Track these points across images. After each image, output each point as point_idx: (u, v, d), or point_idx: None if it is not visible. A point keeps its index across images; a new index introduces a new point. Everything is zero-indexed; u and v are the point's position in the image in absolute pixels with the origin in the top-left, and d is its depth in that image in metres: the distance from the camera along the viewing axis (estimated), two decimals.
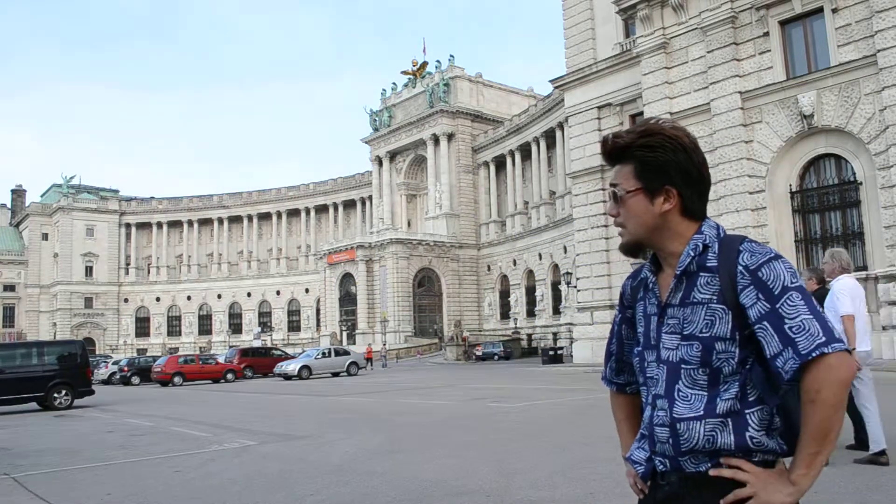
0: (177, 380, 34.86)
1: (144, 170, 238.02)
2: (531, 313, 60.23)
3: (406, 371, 40.18)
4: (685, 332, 1.62)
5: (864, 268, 22.47)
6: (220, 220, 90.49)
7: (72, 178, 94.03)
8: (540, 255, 58.73)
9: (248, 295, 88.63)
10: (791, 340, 1.49)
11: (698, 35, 25.99)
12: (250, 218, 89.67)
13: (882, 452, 6.63)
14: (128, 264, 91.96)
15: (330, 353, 38.40)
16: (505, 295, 65.00)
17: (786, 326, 1.50)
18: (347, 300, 70.08)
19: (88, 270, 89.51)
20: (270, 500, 6.68)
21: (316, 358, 36.65)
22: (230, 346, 63.50)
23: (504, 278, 65.49)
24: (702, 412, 1.59)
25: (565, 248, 48.31)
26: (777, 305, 1.52)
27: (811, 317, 1.50)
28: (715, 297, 1.60)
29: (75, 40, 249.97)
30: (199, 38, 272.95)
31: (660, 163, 1.64)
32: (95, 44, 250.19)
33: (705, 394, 1.60)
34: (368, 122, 77.70)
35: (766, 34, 24.41)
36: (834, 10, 22.90)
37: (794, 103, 23.57)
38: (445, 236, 67.99)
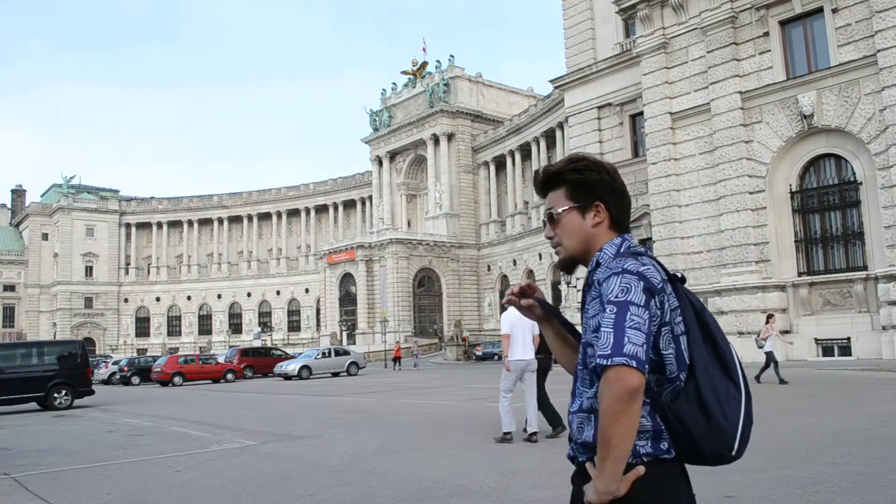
0: (177, 380, 34.85)
1: (144, 170, 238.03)
2: None
3: (406, 371, 40.17)
4: (584, 338, 1.81)
5: (864, 268, 22.48)
6: (220, 220, 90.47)
7: (72, 178, 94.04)
8: (540, 255, 58.72)
9: (248, 295, 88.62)
10: (594, 346, 1.70)
11: (698, 35, 25.99)
12: (250, 218, 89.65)
13: (523, 433, 9.32)
14: (128, 264, 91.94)
15: (330, 353, 38.38)
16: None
17: (598, 338, 1.68)
18: (347, 300, 70.07)
19: (88, 270, 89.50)
20: (270, 500, 6.68)
21: (316, 358, 36.65)
22: (230, 346, 63.44)
23: (504, 278, 65.48)
24: (576, 408, 1.80)
25: None
26: (601, 317, 1.70)
27: (611, 330, 1.65)
28: (595, 308, 1.77)
29: (75, 40, 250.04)
30: (199, 37, 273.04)
31: (588, 182, 1.87)
32: (95, 44, 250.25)
33: (589, 391, 1.77)
34: (368, 122, 77.67)
35: (766, 34, 24.41)
36: (834, 10, 22.90)
37: (794, 103, 23.56)
38: (445, 236, 67.98)
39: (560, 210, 1.89)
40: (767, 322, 17.58)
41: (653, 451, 1.72)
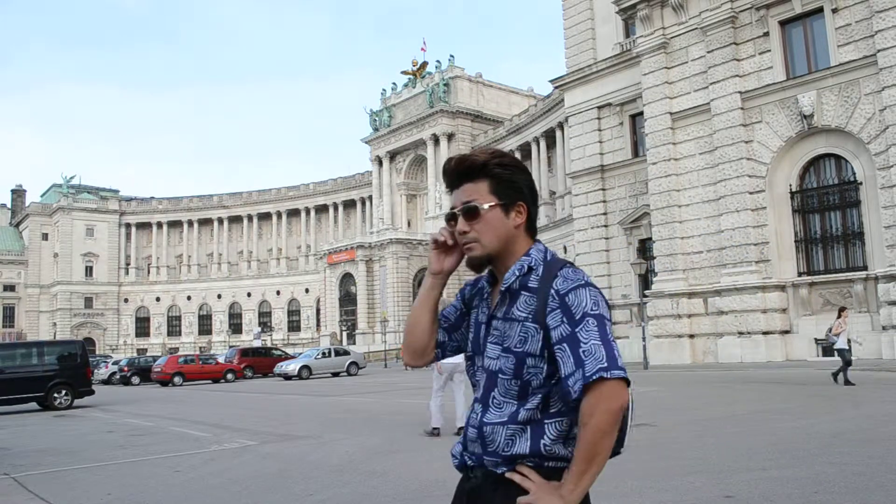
0: (177, 380, 34.85)
1: (144, 170, 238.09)
2: None
3: (406, 371, 40.14)
4: (504, 345, 1.75)
5: (864, 268, 22.47)
6: (220, 220, 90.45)
7: (72, 178, 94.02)
8: None
9: (248, 295, 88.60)
10: (582, 363, 1.62)
11: (698, 35, 25.99)
12: (250, 218, 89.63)
13: (457, 430, 9.96)
14: (128, 264, 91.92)
15: (330, 353, 38.36)
16: None
17: (580, 350, 1.63)
18: (347, 300, 70.06)
19: (88, 270, 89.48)
20: (270, 500, 6.68)
21: (316, 358, 36.62)
22: (230, 346, 63.42)
23: None
24: (506, 419, 1.73)
25: (565, 248, 48.26)
26: (576, 329, 1.65)
27: (600, 343, 1.62)
28: (530, 317, 1.73)
29: (75, 40, 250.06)
30: (199, 37, 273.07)
31: (514, 180, 1.81)
32: (95, 43, 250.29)
33: (515, 402, 1.74)
34: (368, 122, 77.63)
35: (766, 34, 24.40)
36: (834, 10, 22.89)
37: (794, 103, 23.56)
38: None
39: (486, 205, 1.78)
40: (839, 316, 16.14)
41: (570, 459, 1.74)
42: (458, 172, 1.84)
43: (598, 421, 1.58)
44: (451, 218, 1.84)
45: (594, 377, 1.59)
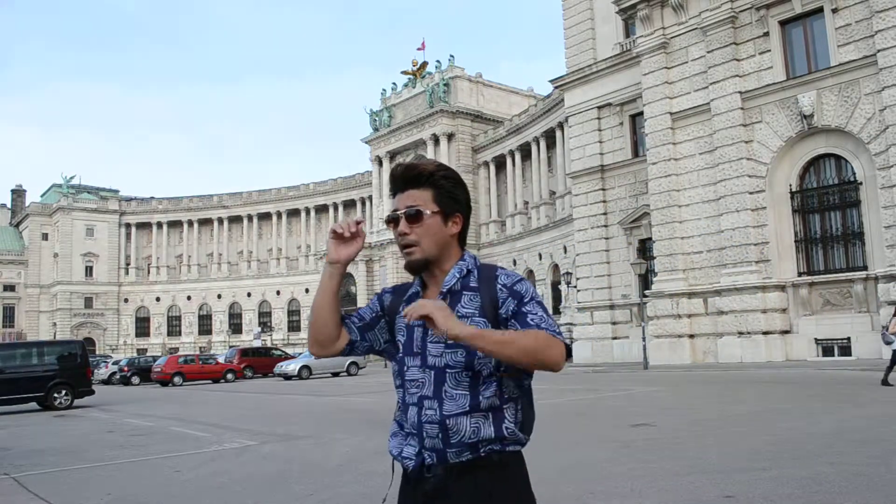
0: (177, 380, 34.85)
1: (144, 170, 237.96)
2: None
3: None
4: (449, 341, 1.82)
5: (864, 268, 22.48)
6: (220, 220, 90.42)
7: (72, 178, 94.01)
8: (540, 255, 58.71)
9: (248, 295, 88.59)
10: (538, 325, 1.81)
11: (698, 35, 26.00)
12: (250, 218, 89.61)
13: None
14: (128, 264, 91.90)
15: None
16: None
17: (528, 319, 1.82)
18: (347, 300, 70.07)
19: (88, 270, 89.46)
20: (270, 500, 6.68)
21: (316, 358, 36.60)
22: (230, 346, 63.39)
23: None
24: (468, 408, 1.84)
25: (565, 248, 48.29)
26: (524, 308, 1.86)
27: (548, 317, 1.85)
28: (477, 312, 1.89)
29: (75, 40, 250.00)
30: (200, 37, 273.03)
31: (455, 193, 1.97)
32: (96, 43, 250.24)
33: (468, 393, 1.85)
34: (368, 122, 77.58)
35: (766, 34, 24.41)
36: (834, 10, 22.90)
37: (794, 103, 23.56)
38: None
39: (429, 211, 1.92)
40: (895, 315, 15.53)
41: (524, 441, 1.92)
42: (406, 178, 1.97)
43: (548, 345, 1.75)
44: (392, 220, 1.96)
45: (553, 334, 1.79)
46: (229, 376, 36.14)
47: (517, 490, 1.88)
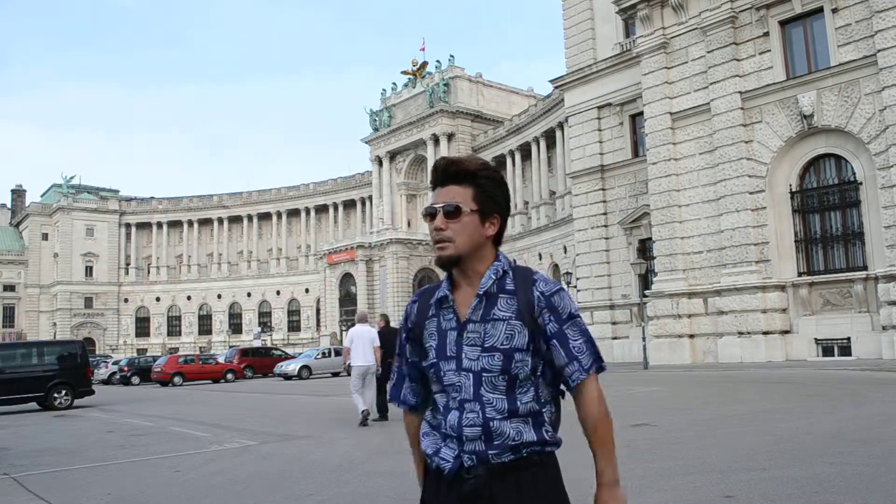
0: (177, 380, 34.86)
1: (144, 170, 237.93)
2: None
3: None
4: (486, 345, 1.88)
5: (864, 268, 22.47)
6: (220, 220, 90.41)
7: (72, 178, 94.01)
8: (540, 255, 58.70)
9: (248, 295, 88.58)
10: (575, 357, 1.89)
11: (698, 35, 25.99)
12: (250, 218, 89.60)
13: (363, 416, 11.90)
14: (128, 264, 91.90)
15: (330, 353, 38.31)
16: None
17: (570, 345, 1.89)
18: (347, 300, 70.03)
19: (88, 270, 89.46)
20: (270, 500, 6.68)
21: (316, 358, 36.63)
22: (230, 346, 63.39)
23: None
24: (507, 413, 1.87)
25: (565, 248, 48.30)
26: (566, 330, 1.90)
27: (588, 340, 1.92)
28: (514, 315, 1.89)
29: (75, 39, 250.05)
30: (200, 36, 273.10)
31: (496, 194, 1.95)
32: (95, 43, 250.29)
33: (504, 397, 1.88)
34: (368, 122, 77.55)
35: (766, 34, 24.40)
36: (834, 10, 22.89)
37: (794, 103, 23.56)
38: None
39: (468, 209, 1.91)
40: None
41: (560, 442, 1.97)
42: (448, 174, 1.95)
43: (601, 409, 1.92)
44: (429, 214, 1.94)
45: (592, 370, 1.91)
46: (229, 376, 36.14)
47: (557, 489, 1.92)
